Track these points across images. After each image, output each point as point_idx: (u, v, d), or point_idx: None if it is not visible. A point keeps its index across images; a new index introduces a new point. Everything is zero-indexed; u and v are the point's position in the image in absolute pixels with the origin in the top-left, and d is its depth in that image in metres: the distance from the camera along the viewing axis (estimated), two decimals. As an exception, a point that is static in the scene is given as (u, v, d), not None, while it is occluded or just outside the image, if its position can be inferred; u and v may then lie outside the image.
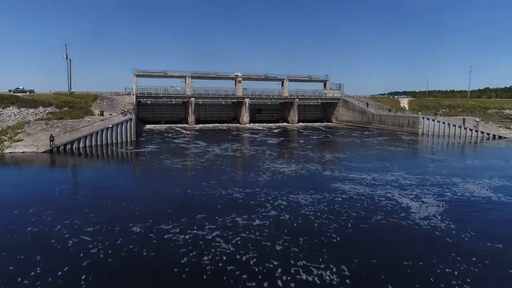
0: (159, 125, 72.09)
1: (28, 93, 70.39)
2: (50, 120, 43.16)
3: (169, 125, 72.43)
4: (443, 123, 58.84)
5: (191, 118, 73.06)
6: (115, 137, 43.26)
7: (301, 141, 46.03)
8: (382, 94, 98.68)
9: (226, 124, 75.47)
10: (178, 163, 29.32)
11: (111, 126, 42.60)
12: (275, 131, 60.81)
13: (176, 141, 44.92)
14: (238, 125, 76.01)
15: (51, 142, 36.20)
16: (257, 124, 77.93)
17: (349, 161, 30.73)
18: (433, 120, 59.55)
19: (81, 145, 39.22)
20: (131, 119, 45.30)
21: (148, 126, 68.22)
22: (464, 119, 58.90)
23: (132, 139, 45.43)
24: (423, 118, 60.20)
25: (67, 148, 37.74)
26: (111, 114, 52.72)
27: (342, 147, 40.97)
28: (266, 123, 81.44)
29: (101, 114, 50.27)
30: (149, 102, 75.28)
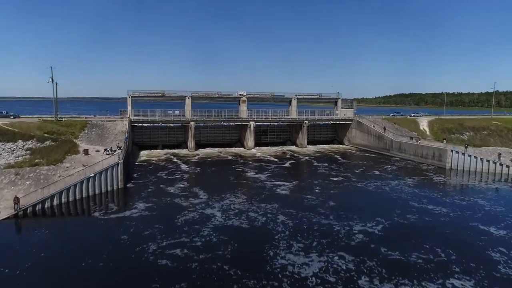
0: (156, 151, 65.54)
1: (12, 117, 64.54)
2: (22, 168, 36.58)
3: (167, 151, 65.90)
4: (475, 157, 51.86)
5: (191, 143, 66.51)
6: (98, 187, 36.63)
7: (317, 189, 39.08)
8: (398, 112, 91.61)
9: (229, 150, 68.69)
10: (166, 251, 22.61)
11: (93, 175, 36.00)
12: (285, 165, 53.87)
13: (171, 190, 38.10)
14: (242, 150, 69.32)
15: (16, 205, 29.65)
16: (263, 148, 71.26)
17: (389, 245, 23.90)
18: (463, 154, 52.55)
19: (55, 202, 32.65)
20: (117, 164, 38.62)
21: (143, 155, 61.56)
22: (499, 154, 51.79)
23: (120, 187, 38.80)
24: (452, 151, 53.20)
25: (36, 209, 31.16)
26: (97, 151, 46.27)
27: (370, 205, 33.74)
28: (273, 145, 74.87)
29: (86, 153, 43.76)
30: (145, 125, 68.72)
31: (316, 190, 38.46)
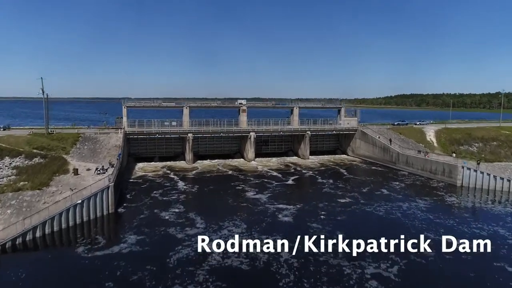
0: (152, 163, 62.78)
1: (2, 129, 61.98)
2: (4, 194, 33.85)
3: (164, 163, 63.00)
4: (488, 174, 49.11)
5: (189, 155, 63.73)
6: (86, 213, 33.90)
7: (323, 214, 36.33)
8: (403, 121, 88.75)
9: (229, 162, 65.89)
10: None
11: (80, 201, 33.26)
12: (287, 182, 51.04)
13: (166, 216, 35.33)
14: (242, 162, 66.57)
15: (-7, 241, 26.98)
16: (263, 159, 68.44)
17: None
18: (475, 171, 49.80)
19: (37, 234, 29.92)
20: (108, 187, 35.87)
21: (139, 168, 58.77)
22: (514, 171, 49.07)
23: (110, 212, 36.09)
24: (463, 167, 50.43)
25: (17, 243, 28.46)
26: (88, 169, 43.53)
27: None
28: (273, 156, 72.17)
29: (75, 172, 41.04)
30: (141, 137, 65.94)
31: (322, 216, 35.68)
